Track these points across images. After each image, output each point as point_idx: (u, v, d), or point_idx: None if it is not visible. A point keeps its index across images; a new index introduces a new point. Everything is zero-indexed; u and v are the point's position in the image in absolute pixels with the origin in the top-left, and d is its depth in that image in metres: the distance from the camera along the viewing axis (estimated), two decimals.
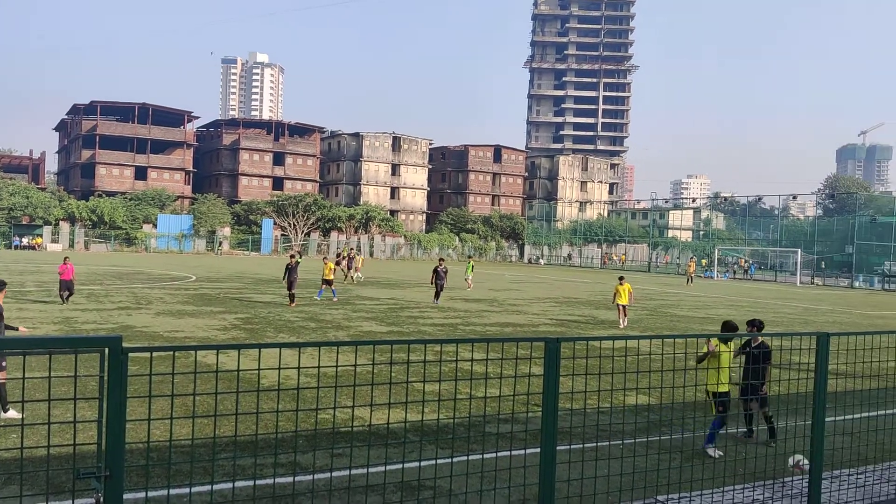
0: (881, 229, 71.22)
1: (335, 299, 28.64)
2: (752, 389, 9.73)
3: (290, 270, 26.39)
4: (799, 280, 65.61)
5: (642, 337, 6.53)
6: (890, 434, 9.14)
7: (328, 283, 29.32)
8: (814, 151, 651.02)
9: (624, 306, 24.14)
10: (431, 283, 29.93)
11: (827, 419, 7.11)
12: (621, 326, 23.94)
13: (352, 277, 41.66)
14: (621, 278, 24.72)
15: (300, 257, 29.39)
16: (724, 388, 9.41)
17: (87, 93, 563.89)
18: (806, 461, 8.26)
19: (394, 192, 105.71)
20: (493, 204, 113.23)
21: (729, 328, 9.92)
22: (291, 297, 26.35)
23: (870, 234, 71.27)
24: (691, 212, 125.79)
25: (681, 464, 8.34)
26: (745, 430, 10.25)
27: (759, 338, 10.16)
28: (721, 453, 9.03)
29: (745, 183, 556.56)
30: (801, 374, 9.91)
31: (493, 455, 8.49)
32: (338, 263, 46.91)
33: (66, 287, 24.01)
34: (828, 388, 6.95)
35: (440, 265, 29.61)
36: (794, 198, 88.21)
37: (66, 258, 24.92)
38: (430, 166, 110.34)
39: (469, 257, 47.62)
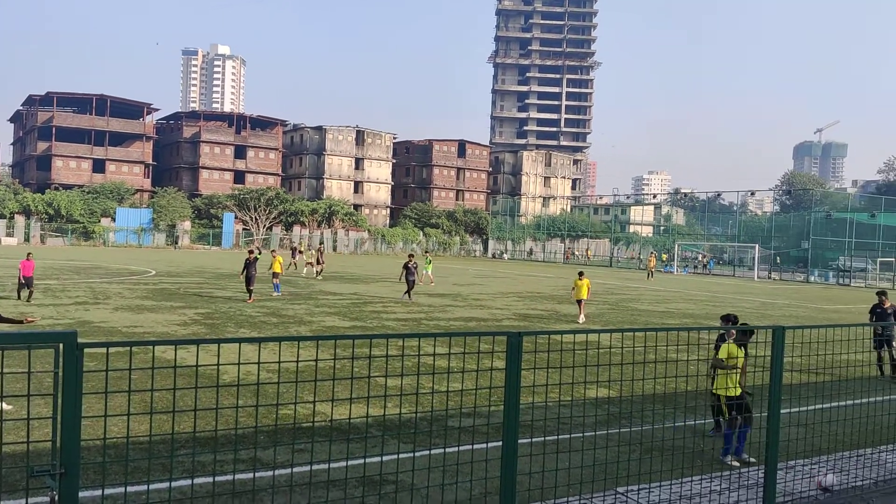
0: (836, 225, 72.81)
1: (275, 294, 28.05)
2: (882, 341, 10.37)
3: (249, 265, 26.03)
4: (756, 275, 66.79)
5: (603, 331, 6.60)
6: (843, 425, 9.36)
7: (275, 275, 28.88)
8: (771, 149, 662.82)
9: (581, 301, 24.10)
10: (401, 280, 29.78)
11: (782, 411, 7.25)
12: (580, 322, 23.75)
13: (315, 272, 41.23)
14: (581, 273, 24.70)
15: (259, 252, 28.98)
16: (736, 392, 9.01)
17: (43, 83, 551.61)
18: (835, 479, 8.29)
19: (357, 186, 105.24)
20: (457, 199, 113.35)
21: (728, 321, 9.81)
22: (250, 293, 25.99)
23: (825, 230, 72.81)
24: (652, 207, 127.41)
25: (640, 456, 8.45)
26: (713, 427, 10.14)
27: (889, 303, 11.12)
28: (737, 463, 8.73)
29: (705, 179, 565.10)
30: (758, 366, 10.10)
31: (456, 449, 8.52)
32: (293, 257, 46.68)
33: (27, 284, 23.15)
34: (783, 381, 7.09)
35: (410, 261, 29.41)
36: (753, 194, 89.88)
37: (28, 254, 24.16)
38: (394, 161, 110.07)
39: (426, 252, 46.55)
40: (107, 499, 6.67)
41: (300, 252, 45.66)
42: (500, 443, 5.72)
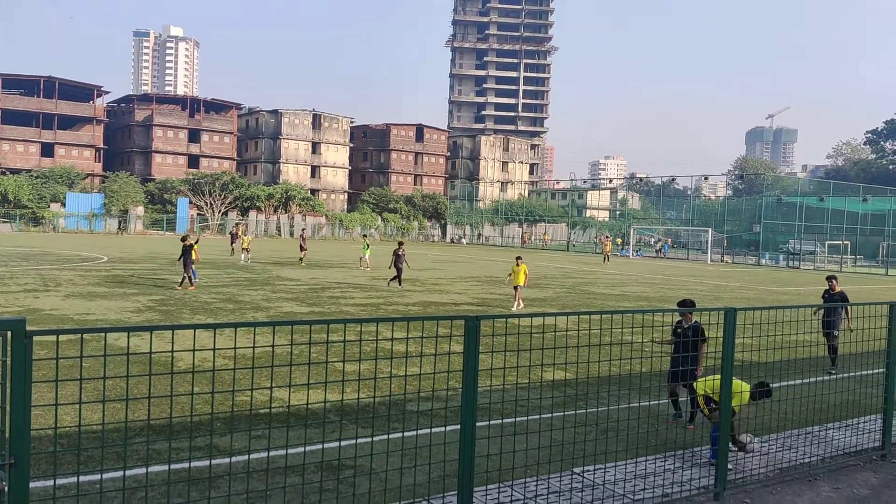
0: (786, 209, 74.41)
1: (192, 286, 25.11)
2: (686, 371, 9.35)
3: (186, 252, 24.91)
4: (710, 258, 67.98)
5: (560, 314, 6.66)
6: (791, 404, 9.61)
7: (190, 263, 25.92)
8: (724, 134, 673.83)
9: (518, 287, 23.12)
10: (390, 267, 29.27)
11: None
12: (514, 309, 22.22)
13: (242, 257, 39.60)
14: (518, 258, 23.68)
15: (195, 240, 26.64)
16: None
17: None
18: (756, 440, 8.49)
19: (314, 170, 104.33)
20: (415, 183, 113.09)
21: (684, 306, 9.75)
22: (189, 280, 24.87)
23: (776, 214, 74.37)
24: (608, 192, 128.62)
25: (596, 436, 8.57)
26: (674, 413, 10.03)
27: (691, 317, 9.96)
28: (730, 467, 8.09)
29: (660, 164, 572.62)
30: (710, 347, 10.31)
31: (414, 433, 8.54)
32: (232, 242, 45.21)
33: None
34: (734, 361, 7.25)
35: (400, 248, 28.82)
36: (706, 179, 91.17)
37: None
38: (352, 145, 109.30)
39: (364, 236, 44.85)
40: (59, 489, 6.56)
41: (238, 237, 44.37)
42: (459, 426, 5.76)
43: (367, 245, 38.77)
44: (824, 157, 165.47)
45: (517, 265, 23.14)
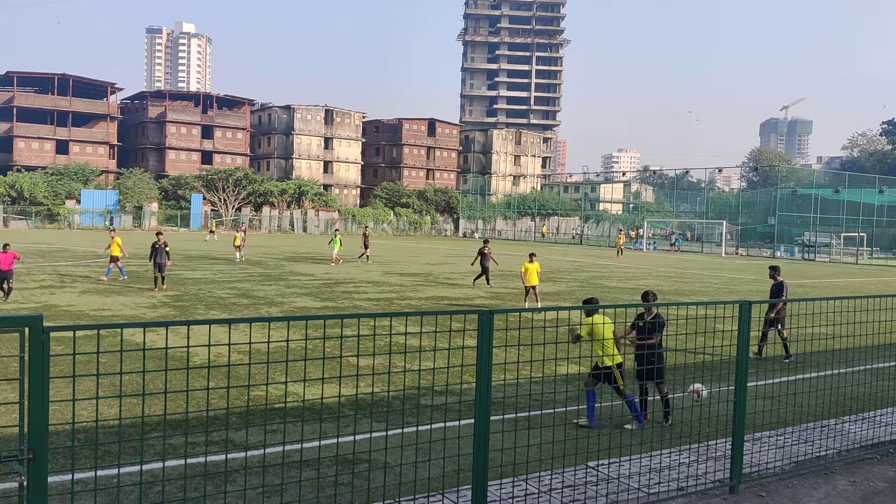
0: (801, 201, 73.87)
1: (104, 278, 25.11)
2: (647, 363, 9.13)
3: (157, 251, 22.99)
4: (724, 251, 67.64)
5: (573, 308, 6.65)
6: (807, 397, 9.56)
7: (114, 259, 25.67)
8: (739, 126, 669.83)
9: (533, 288, 21.52)
10: (473, 265, 28.09)
11: (749, 384, 7.39)
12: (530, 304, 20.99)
13: (236, 256, 38.08)
14: (532, 255, 21.99)
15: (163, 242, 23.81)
16: (607, 362, 9.11)
17: (3, 63, 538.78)
18: (705, 391, 8.67)
19: (327, 166, 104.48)
20: (427, 178, 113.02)
21: (646, 299, 9.82)
22: (162, 280, 23.00)
23: (791, 206, 73.87)
24: (621, 185, 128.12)
25: (610, 431, 8.56)
26: (638, 412, 9.46)
27: (655, 310, 9.70)
28: (597, 424, 9.02)
29: (673, 157, 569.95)
30: (725, 340, 10.26)
31: (428, 427, 8.56)
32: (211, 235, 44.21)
33: (4, 277, 19.56)
34: (749, 354, 7.22)
35: (486, 247, 27.41)
36: (720, 171, 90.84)
37: (5, 245, 20.27)
38: (364, 140, 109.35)
39: (336, 230, 41.83)
40: (77, 483, 6.62)
41: (212, 232, 43.45)
42: (473, 420, 5.76)
43: (339, 240, 37.26)
44: (839, 149, 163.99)
45: (530, 262, 21.49)
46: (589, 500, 6.59)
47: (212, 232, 53.88)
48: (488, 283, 27.21)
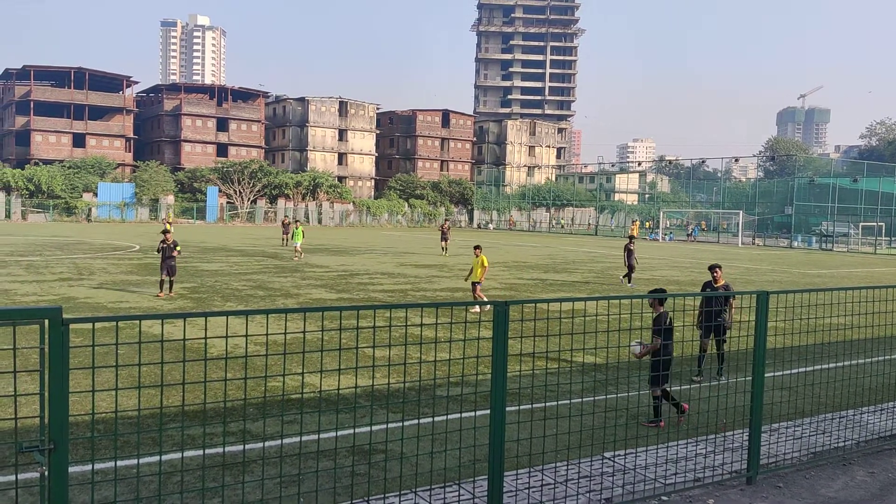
0: (819, 190, 73.25)
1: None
2: (714, 327, 10.71)
3: (165, 252, 20.14)
4: (741, 241, 67.21)
5: (589, 298, 6.63)
6: (825, 388, 9.50)
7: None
8: (755, 115, 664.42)
9: (476, 284, 19.06)
10: (625, 264, 26.59)
11: (766, 374, 7.35)
12: (476, 310, 17.40)
13: (442, 248, 38.52)
14: (477, 248, 19.61)
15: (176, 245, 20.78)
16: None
17: (19, 56, 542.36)
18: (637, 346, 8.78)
19: (341, 157, 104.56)
20: (441, 169, 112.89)
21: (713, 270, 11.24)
22: (169, 285, 20.17)
23: (808, 196, 73.25)
24: (637, 175, 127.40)
25: (626, 421, 8.54)
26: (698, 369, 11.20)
27: (723, 280, 11.38)
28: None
29: (690, 146, 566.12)
30: (742, 331, 10.20)
31: (444, 418, 8.58)
32: (284, 232, 44.64)
33: None
34: (767, 345, 7.18)
35: (630, 243, 26.05)
36: (737, 160, 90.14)
37: None
38: (378, 131, 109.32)
39: (296, 221, 38.00)
40: (96, 473, 6.69)
41: (288, 227, 42.80)
42: (488, 411, 5.76)
43: (301, 232, 34.72)
44: (858, 137, 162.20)
45: (476, 256, 19.21)
46: (605, 491, 6.58)
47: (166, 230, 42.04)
48: (630, 283, 25.86)
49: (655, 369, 8.82)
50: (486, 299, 18.67)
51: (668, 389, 9.16)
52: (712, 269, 12.39)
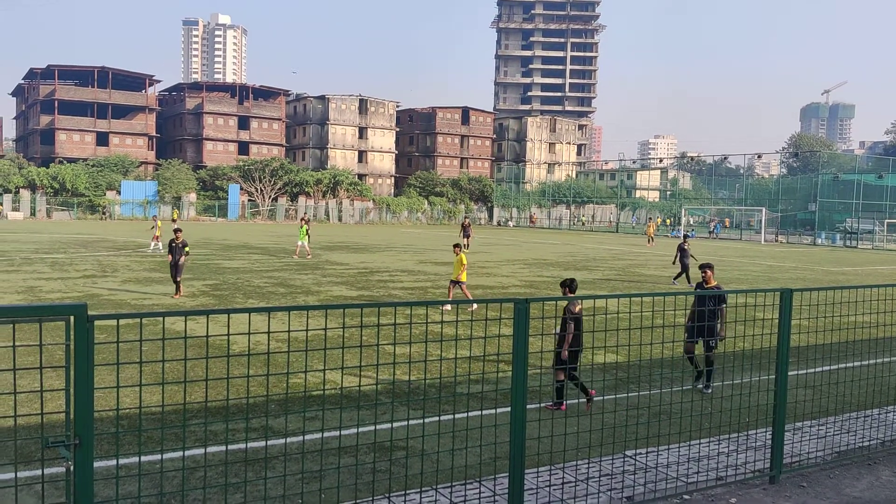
0: (843, 187, 72.44)
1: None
2: (701, 332, 10.18)
3: (174, 250, 19.59)
4: (763, 238, 66.60)
5: (610, 296, 6.61)
6: (850, 386, 9.39)
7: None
8: (778, 111, 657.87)
9: (461, 284, 18.35)
10: (675, 262, 26.81)
11: (790, 373, 7.28)
12: (448, 308, 16.75)
13: (150, 246, 35.53)
14: (456, 246, 19.51)
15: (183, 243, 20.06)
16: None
17: (44, 56, 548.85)
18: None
19: (361, 155, 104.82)
20: (461, 166, 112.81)
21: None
22: (177, 286, 19.66)
23: (832, 192, 72.45)
24: (658, 172, 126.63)
25: (648, 419, 8.50)
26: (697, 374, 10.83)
27: (714, 281, 10.67)
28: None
29: (711, 143, 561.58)
30: (766, 329, 10.11)
31: (465, 415, 8.58)
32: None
33: None
34: (791, 343, 7.11)
35: (684, 242, 26.12)
36: (759, 157, 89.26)
37: None
38: (398, 129, 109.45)
39: (302, 219, 35.50)
40: (121, 468, 6.76)
41: (156, 225, 38.21)
42: (509, 408, 5.76)
43: (306, 230, 33.14)
44: (883, 133, 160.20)
45: (456, 254, 18.78)
46: (626, 489, 6.56)
47: (155, 238, 37.59)
48: (689, 283, 25.40)
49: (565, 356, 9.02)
50: (471, 298, 17.88)
51: (577, 374, 9.43)
52: (703, 268, 11.84)
